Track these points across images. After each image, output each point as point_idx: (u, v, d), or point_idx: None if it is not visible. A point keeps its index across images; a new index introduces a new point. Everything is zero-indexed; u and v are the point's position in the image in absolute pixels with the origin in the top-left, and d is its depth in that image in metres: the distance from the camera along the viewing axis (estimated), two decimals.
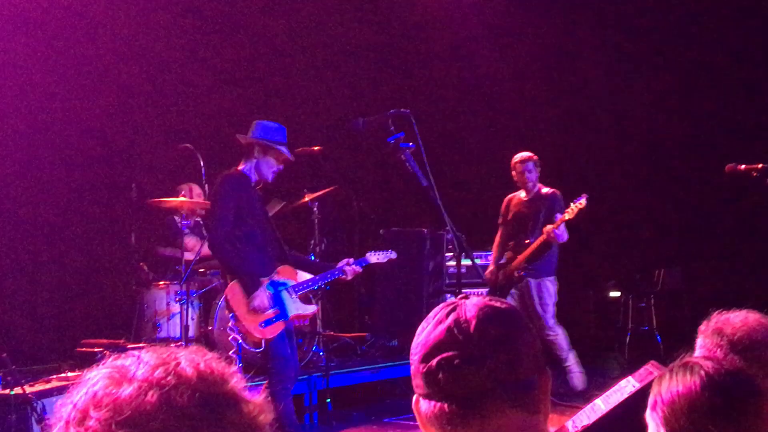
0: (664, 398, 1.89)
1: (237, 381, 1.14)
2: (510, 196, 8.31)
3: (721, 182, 7.53)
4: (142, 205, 7.94)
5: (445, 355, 1.44)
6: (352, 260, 6.13)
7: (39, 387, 5.99)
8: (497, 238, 8.28)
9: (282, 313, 5.62)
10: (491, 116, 11.24)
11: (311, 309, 6.11)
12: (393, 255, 6.47)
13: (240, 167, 5.81)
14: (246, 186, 5.72)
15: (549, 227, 7.70)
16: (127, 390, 1.05)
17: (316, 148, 8.14)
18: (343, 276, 6.02)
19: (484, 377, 1.42)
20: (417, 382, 1.49)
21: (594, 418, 3.83)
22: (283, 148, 5.80)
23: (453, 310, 1.49)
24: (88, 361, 5.82)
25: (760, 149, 8.33)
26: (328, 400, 7.31)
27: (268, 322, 5.54)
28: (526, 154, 8.08)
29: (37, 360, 7.90)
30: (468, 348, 1.43)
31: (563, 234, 7.78)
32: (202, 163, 7.60)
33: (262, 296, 5.52)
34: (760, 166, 5.63)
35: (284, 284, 5.75)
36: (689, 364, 1.91)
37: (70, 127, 8.74)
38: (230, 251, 5.55)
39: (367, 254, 6.37)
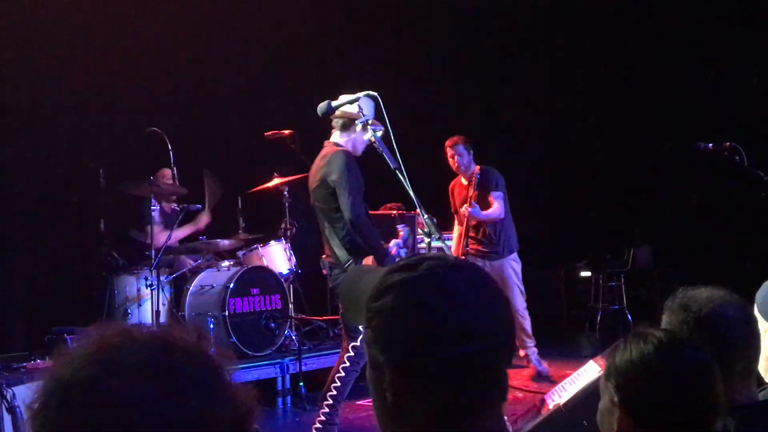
0: (617, 367, 1.93)
1: (230, 372, 1.11)
2: (452, 182, 7.98)
3: (689, 161, 7.59)
4: (110, 190, 7.86)
5: None
6: None
7: (9, 375, 5.96)
8: (455, 228, 7.99)
9: None
10: (464, 97, 11.23)
11: None
12: None
13: (341, 143, 5.48)
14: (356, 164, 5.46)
15: (464, 208, 7.43)
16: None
17: (286, 132, 8.09)
18: None
19: None
20: None
21: (566, 397, 3.86)
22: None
23: None
24: (58, 348, 5.77)
25: (727, 127, 8.41)
26: (301, 384, 7.30)
27: None
28: (455, 137, 7.66)
29: (7, 348, 7.83)
30: None
31: (491, 212, 7.48)
32: (170, 147, 7.54)
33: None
34: (728, 144, 5.70)
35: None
36: (642, 334, 1.95)
37: (36, 111, 8.62)
38: (371, 227, 5.36)
39: None
